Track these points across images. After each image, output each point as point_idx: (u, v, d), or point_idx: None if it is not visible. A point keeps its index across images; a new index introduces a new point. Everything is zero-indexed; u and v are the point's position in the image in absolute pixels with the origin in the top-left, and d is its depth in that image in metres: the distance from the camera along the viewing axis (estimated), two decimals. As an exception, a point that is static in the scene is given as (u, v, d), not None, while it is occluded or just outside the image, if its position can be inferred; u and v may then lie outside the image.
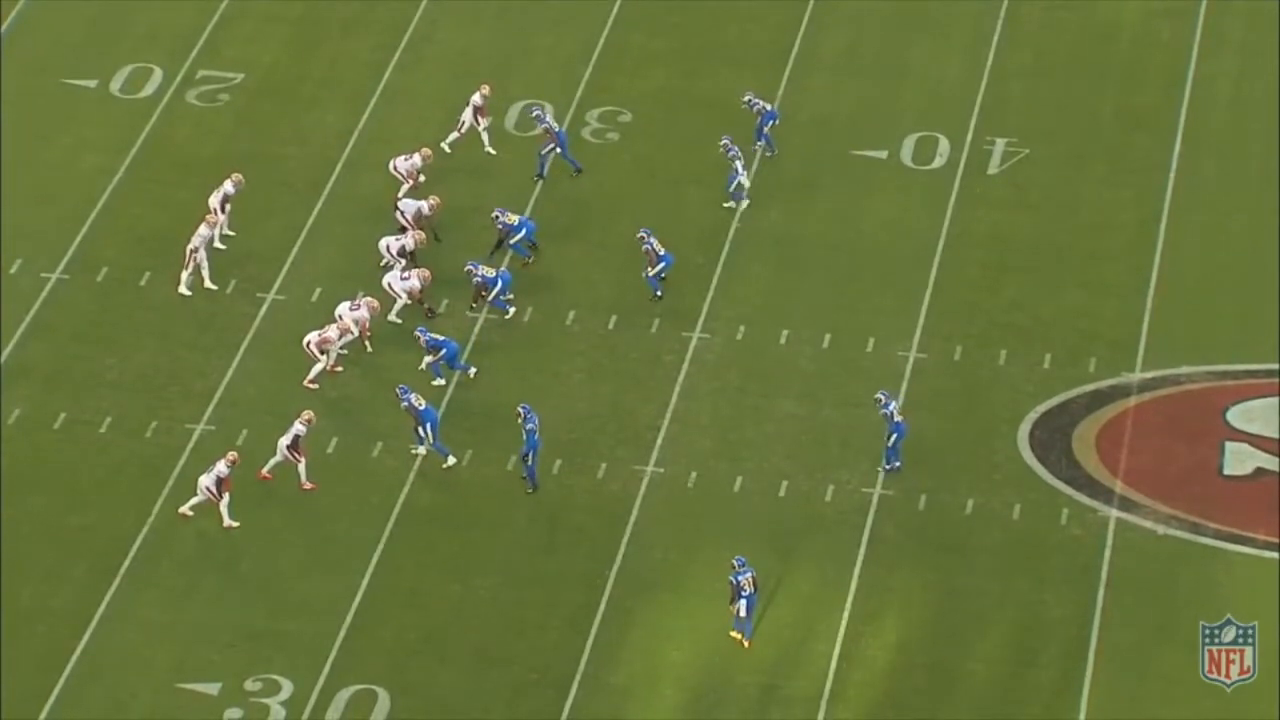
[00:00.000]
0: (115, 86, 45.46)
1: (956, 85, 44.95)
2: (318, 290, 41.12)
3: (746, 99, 43.28)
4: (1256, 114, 44.43)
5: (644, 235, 40.60)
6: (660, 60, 45.50)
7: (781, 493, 37.45)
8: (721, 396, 39.01)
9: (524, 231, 41.18)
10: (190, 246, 40.41)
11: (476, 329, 40.41)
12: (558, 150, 42.77)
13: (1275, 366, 39.26)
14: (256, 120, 44.68)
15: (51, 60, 45.78)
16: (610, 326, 40.30)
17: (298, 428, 37.32)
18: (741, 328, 40.19)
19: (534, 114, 43.15)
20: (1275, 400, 38.67)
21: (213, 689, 34.62)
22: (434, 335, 39.24)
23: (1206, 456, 37.84)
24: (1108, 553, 36.45)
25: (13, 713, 34.37)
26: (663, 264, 40.42)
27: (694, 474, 37.77)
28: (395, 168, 42.44)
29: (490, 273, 40.44)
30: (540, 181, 42.78)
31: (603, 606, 35.74)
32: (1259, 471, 37.66)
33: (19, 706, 34.44)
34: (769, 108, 43.26)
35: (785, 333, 40.10)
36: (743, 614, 34.96)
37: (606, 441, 38.27)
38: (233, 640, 35.11)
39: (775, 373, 39.39)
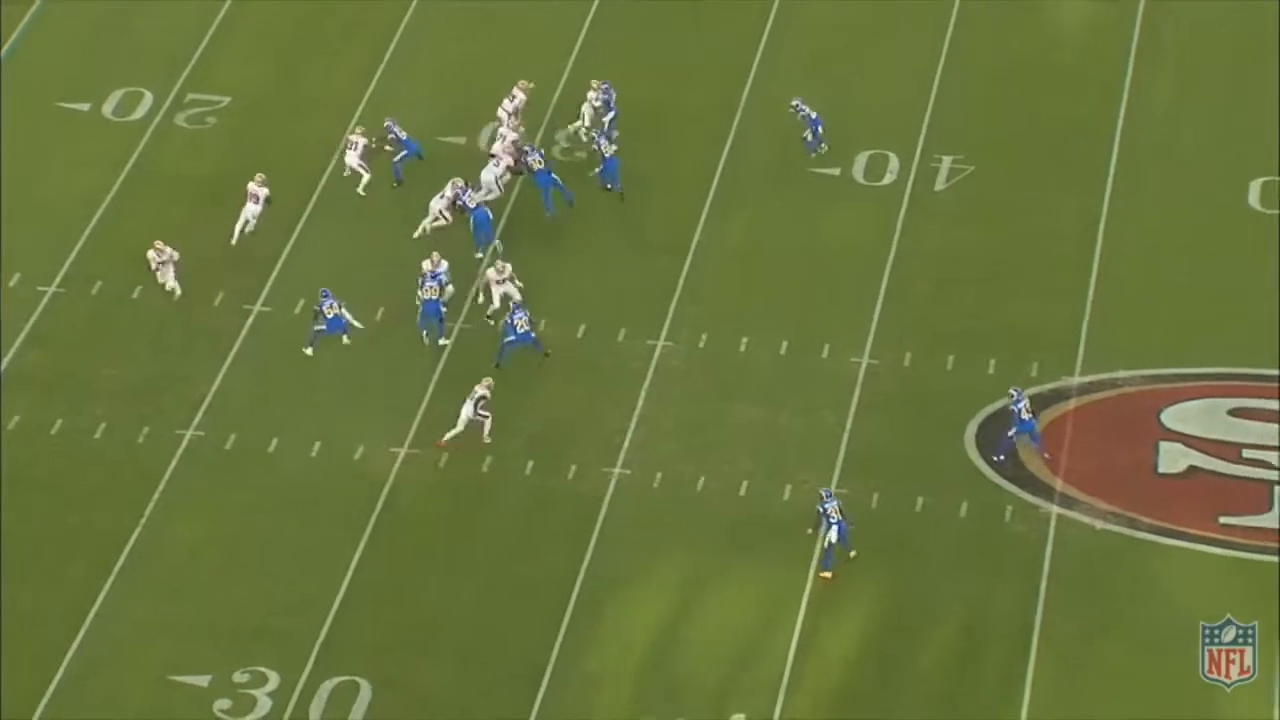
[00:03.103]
0: (108, 109, 44.95)
1: (905, 106, 44.55)
2: (301, 302, 40.61)
3: (794, 104, 43.04)
4: (1190, 125, 44.09)
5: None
6: (625, 76, 44.92)
7: (742, 492, 37.09)
8: (685, 401, 38.68)
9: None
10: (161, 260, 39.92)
11: (453, 338, 39.96)
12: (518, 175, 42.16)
13: (1207, 370, 38.98)
14: (243, 141, 44.16)
15: (47, 85, 45.29)
16: (579, 335, 39.86)
17: (481, 392, 37.15)
18: (704, 336, 39.79)
19: (386, 124, 42.55)
20: (1207, 402, 38.39)
21: (203, 681, 34.35)
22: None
23: (1142, 456, 37.56)
24: (1050, 548, 36.18)
25: (12, 708, 34.11)
26: None
27: (659, 475, 37.41)
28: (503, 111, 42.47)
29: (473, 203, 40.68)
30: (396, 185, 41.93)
31: (573, 601, 35.41)
32: (1191, 469, 37.40)
33: (19, 702, 34.14)
34: (814, 114, 42.84)
35: (745, 340, 39.72)
36: (834, 540, 35.05)
37: (577, 445, 37.90)
38: (222, 635, 34.73)
39: (736, 379, 39.05)
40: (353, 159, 42.72)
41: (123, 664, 34.60)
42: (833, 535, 35.44)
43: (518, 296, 39.52)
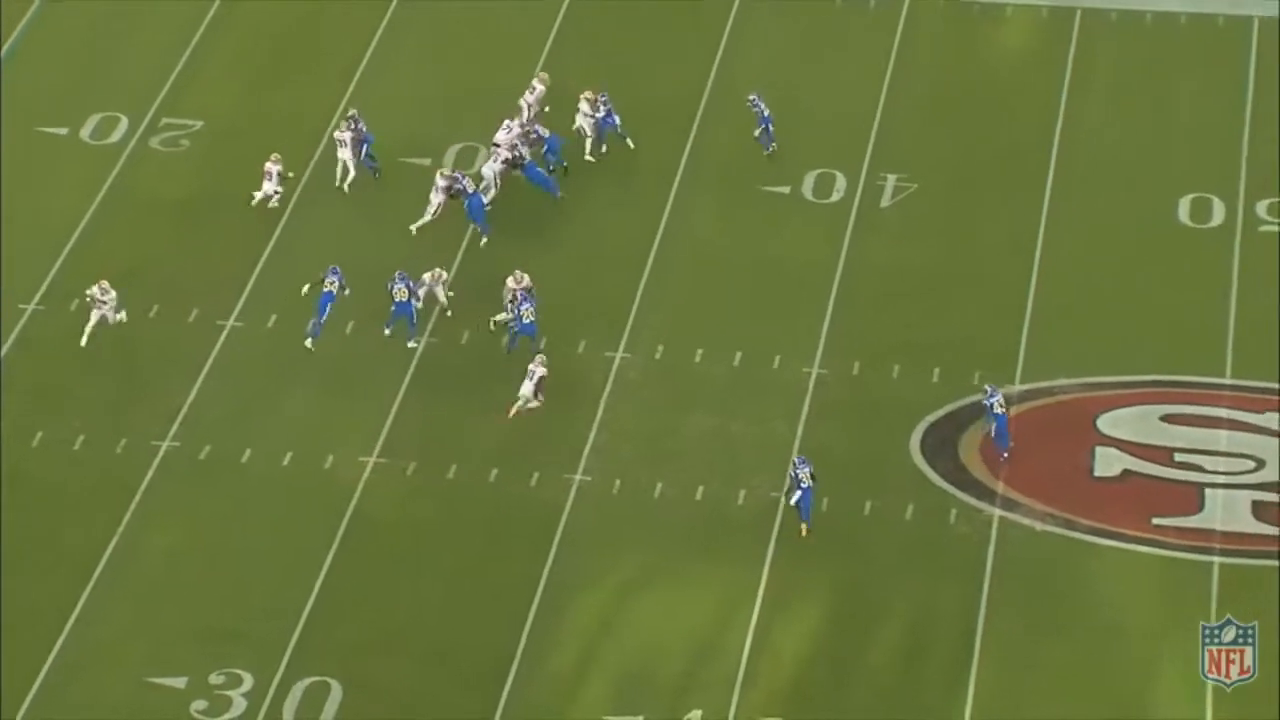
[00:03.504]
0: (85, 134, 45.20)
1: (851, 127, 45.02)
2: (274, 317, 41.02)
3: (751, 98, 43.78)
4: (1121, 147, 44.61)
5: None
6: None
7: (698, 498, 37.52)
8: (643, 411, 39.09)
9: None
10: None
11: (419, 351, 40.37)
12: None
13: (1141, 378, 39.51)
14: (215, 163, 44.44)
15: (27, 110, 45.45)
16: (541, 347, 40.24)
17: (541, 371, 37.92)
18: (660, 348, 40.23)
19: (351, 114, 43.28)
20: (1140, 409, 38.94)
21: (180, 683, 34.55)
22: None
23: (1079, 460, 38.02)
24: (992, 548, 36.61)
25: (-3, 710, 34.24)
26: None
27: (619, 482, 37.81)
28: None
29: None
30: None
31: (536, 603, 35.74)
32: (1126, 473, 37.90)
33: (2, 704, 34.27)
34: (766, 112, 43.59)
35: (700, 352, 40.18)
36: (794, 502, 36.04)
37: (539, 453, 38.28)
38: (198, 639, 35.02)
39: (691, 388, 39.47)
40: (345, 154, 42.84)
41: (102, 667, 34.75)
42: (795, 497, 36.22)
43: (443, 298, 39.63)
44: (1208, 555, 36.45)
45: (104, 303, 39.76)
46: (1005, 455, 37.94)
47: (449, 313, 40.60)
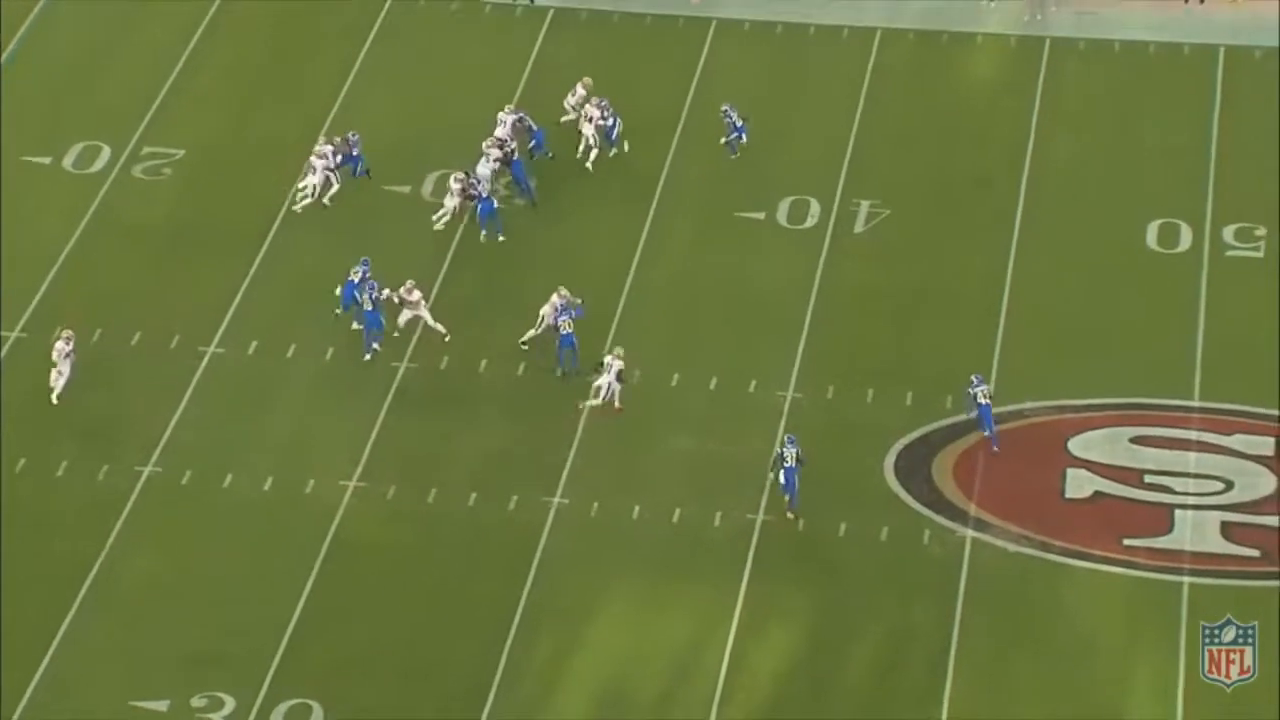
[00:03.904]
0: (68, 162, 45.24)
1: (825, 154, 45.25)
2: (254, 343, 41.05)
3: (724, 109, 44.32)
4: (1090, 174, 44.84)
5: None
6: (557, 129, 45.52)
7: (674, 520, 37.59)
8: (620, 434, 39.15)
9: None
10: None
11: (398, 377, 40.42)
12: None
13: (1111, 401, 39.69)
14: (196, 191, 44.58)
15: (11, 140, 45.47)
16: (519, 373, 40.40)
17: (617, 363, 38.42)
18: (637, 372, 40.27)
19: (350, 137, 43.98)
20: (1110, 431, 39.09)
21: (162, 706, 34.51)
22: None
23: (1050, 482, 38.18)
24: (965, 569, 36.74)
25: (-20, 732, 34.19)
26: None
27: (596, 505, 37.89)
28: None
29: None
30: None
31: (515, 624, 35.79)
32: (1097, 495, 38.05)
33: (-14, 726, 34.32)
34: (739, 123, 44.08)
35: (676, 376, 40.28)
36: (781, 480, 36.36)
37: (517, 476, 38.36)
38: (180, 662, 34.99)
39: (668, 412, 39.58)
40: (319, 165, 43.17)
41: (86, 691, 34.71)
42: (781, 477, 36.69)
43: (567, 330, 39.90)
44: (1178, 575, 36.60)
45: (68, 357, 39.21)
46: (995, 448, 38.12)
47: (447, 338, 40.61)
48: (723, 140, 44.49)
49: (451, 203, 43.11)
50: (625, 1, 49.80)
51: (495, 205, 42.76)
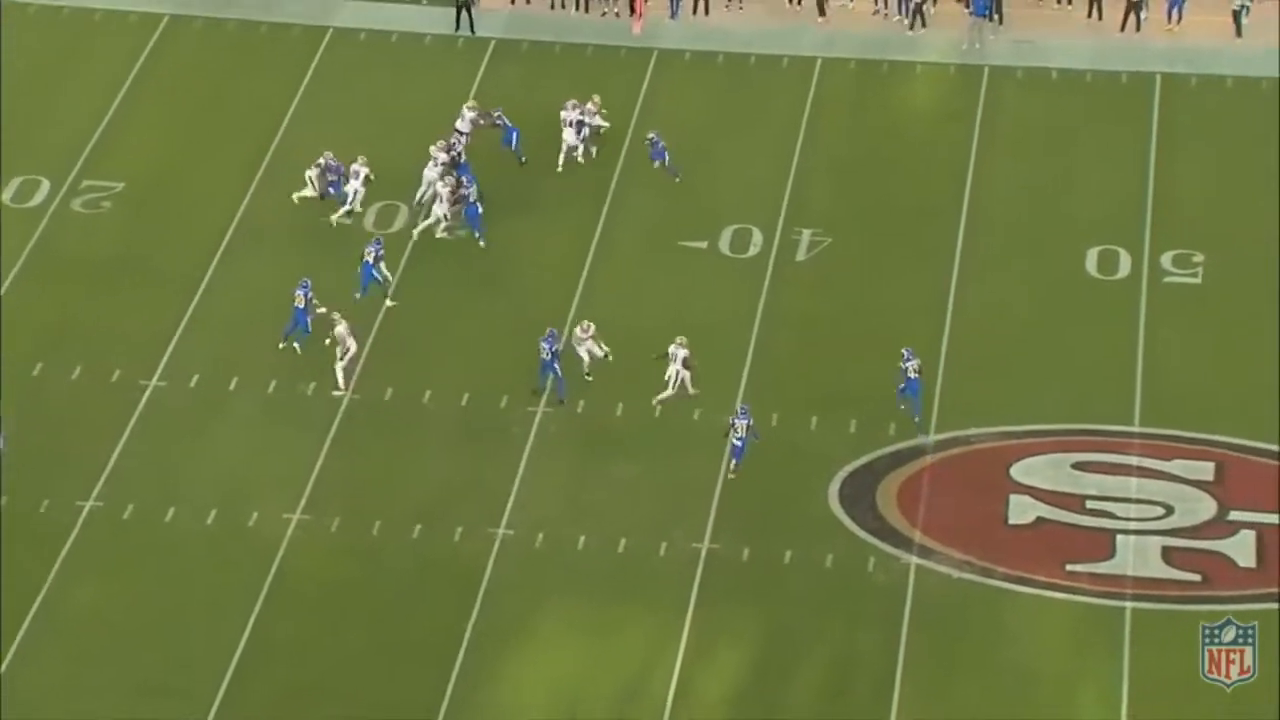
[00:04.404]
0: (7, 197, 45.12)
1: (766, 183, 45.52)
2: (196, 377, 41.05)
3: (650, 137, 44.91)
4: (1028, 203, 45.18)
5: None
6: (494, 165, 45.64)
7: (620, 549, 37.69)
8: (564, 464, 39.28)
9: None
10: None
11: (341, 409, 40.47)
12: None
13: (1053, 427, 39.96)
14: (137, 223, 44.56)
15: (-52, 175, 45.61)
16: (463, 403, 40.50)
17: (681, 351, 39.21)
18: (581, 402, 40.45)
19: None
20: (1053, 457, 39.36)
21: (109, 740, 34.41)
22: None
23: (994, 508, 38.41)
24: (909, 596, 36.93)
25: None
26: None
27: (541, 535, 37.96)
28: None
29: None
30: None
31: (461, 655, 35.83)
32: (1039, 520, 38.29)
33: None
34: (663, 146, 44.96)
35: (621, 406, 40.41)
36: (735, 443, 37.72)
37: (462, 507, 38.41)
38: (124, 695, 34.89)
39: (612, 442, 39.70)
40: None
41: (32, 725, 34.62)
42: (735, 440, 37.67)
43: (599, 352, 40.16)
44: (1120, 600, 36.86)
45: None
46: (918, 419, 38.85)
47: (336, 391, 40.43)
48: (657, 165, 44.74)
49: (440, 209, 43.38)
50: (567, 32, 50.10)
51: (480, 209, 43.27)
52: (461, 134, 44.70)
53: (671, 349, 39.70)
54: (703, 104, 47.93)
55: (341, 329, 40.32)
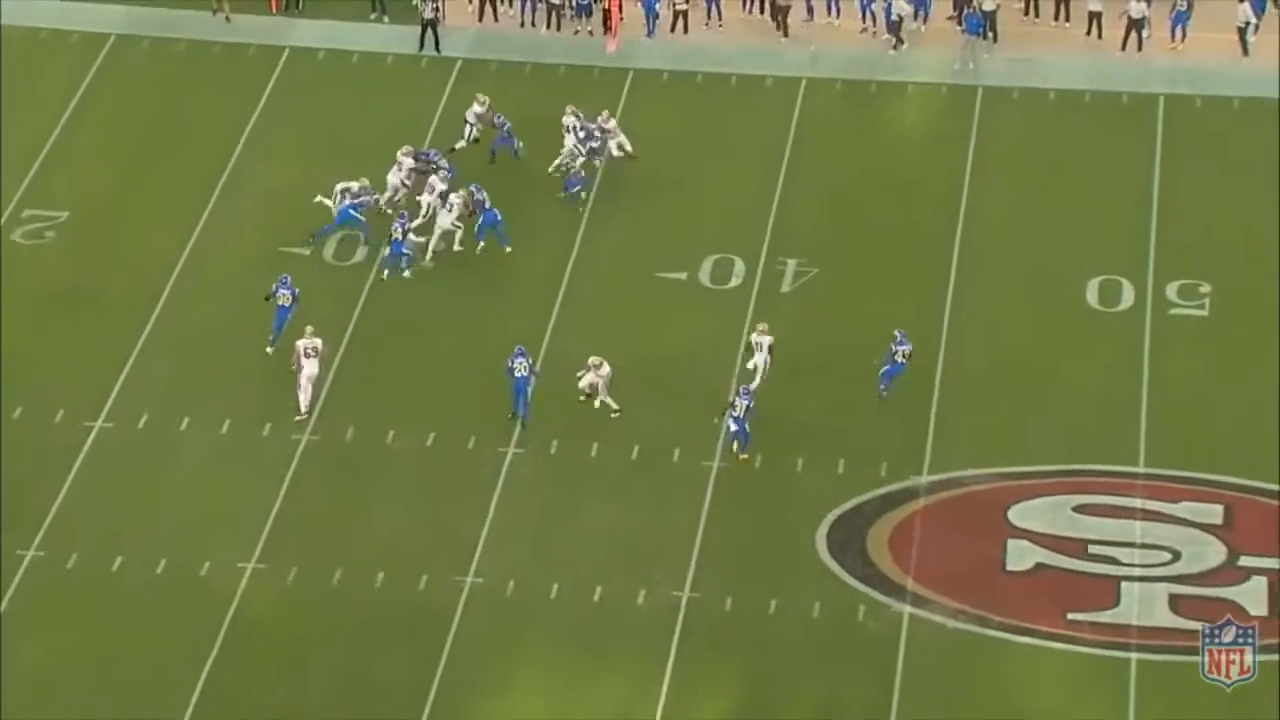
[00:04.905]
0: (-56, 228, 45.39)
1: (749, 210, 45.71)
2: (144, 417, 41.06)
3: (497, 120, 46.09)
4: (1024, 230, 45.41)
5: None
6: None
7: (596, 598, 37.74)
8: (537, 508, 39.35)
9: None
10: None
11: (300, 449, 40.52)
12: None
13: (1052, 468, 40.09)
14: (82, 254, 44.61)
15: (-116, 205, 45.62)
16: (429, 443, 40.56)
17: (766, 339, 40.46)
18: (554, 442, 40.54)
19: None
20: (1052, 499, 39.49)
21: (55, 794, 34.42)
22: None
23: (991, 553, 38.50)
24: (902, 646, 36.98)
25: None
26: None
27: (512, 583, 38.00)
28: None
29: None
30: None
31: (427, 712, 35.83)
32: (1039, 566, 38.38)
33: None
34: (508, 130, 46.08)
35: (596, 445, 40.49)
36: (732, 428, 38.80)
37: (427, 554, 38.44)
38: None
39: (587, 484, 39.78)
40: (395, 178, 44.65)
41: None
42: (731, 425, 38.68)
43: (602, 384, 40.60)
44: (1125, 651, 37.00)
45: None
46: (883, 391, 40.37)
47: (298, 417, 40.65)
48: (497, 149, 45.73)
49: (448, 218, 43.83)
50: (537, 51, 50.32)
51: (499, 215, 43.90)
52: (470, 125, 45.79)
53: (755, 338, 40.55)
54: (681, 126, 48.15)
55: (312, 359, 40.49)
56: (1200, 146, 47.57)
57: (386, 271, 43.67)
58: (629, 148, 46.45)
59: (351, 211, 43.93)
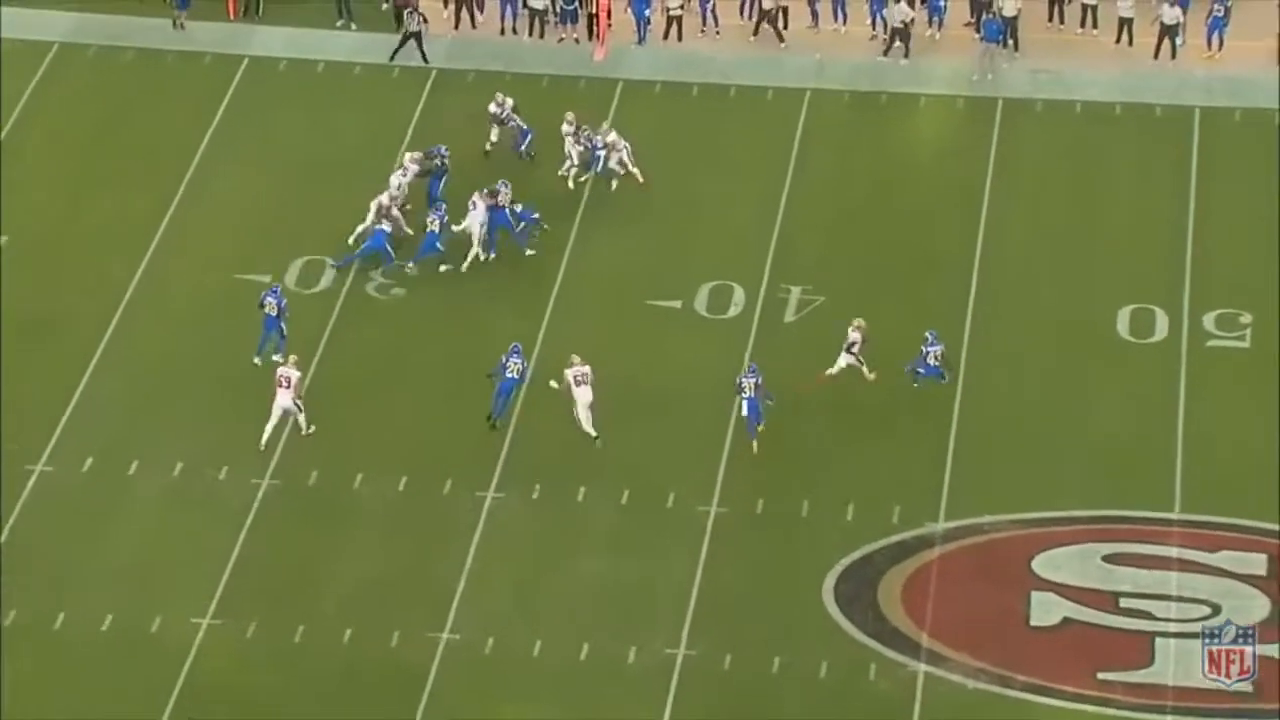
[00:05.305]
0: (-123, 259, 45.35)
1: (749, 233, 45.79)
2: (89, 460, 40.99)
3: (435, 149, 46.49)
4: (1049, 255, 45.46)
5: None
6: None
7: (582, 656, 37.70)
8: (519, 557, 39.34)
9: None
10: None
11: (260, 494, 40.44)
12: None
13: (1081, 513, 40.13)
14: (22, 282, 44.56)
15: None
16: (401, 488, 40.54)
17: (856, 334, 41.22)
18: (537, 486, 40.54)
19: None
20: (1080, 548, 39.50)
21: None
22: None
23: (1013, 607, 38.48)
24: (917, 707, 36.96)
25: None
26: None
27: (491, 640, 37.96)
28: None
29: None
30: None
31: (397, 780, 35.97)
32: (1066, 621, 38.37)
33: None
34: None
35: (583, 490, 40.49)
36: (744, 412, 39.96)
37: (400, 608, 38.39)
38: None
39: (573, 531, 39.77)
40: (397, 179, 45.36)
41: None
42: (744, 409, 39.62)
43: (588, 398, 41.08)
44: (1160, 714, 36.99)
45: None
46: (918, 382, 41.55)
47: (309, 430, 41.03)
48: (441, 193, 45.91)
49: (476, 218, 44.57)
50: (519, 61, 50.41)
51: (507, 214, 44.66)
52: (496, 119, 46.79)
53: (856, 331, 41.32)
54: (675, 142, 48.24)
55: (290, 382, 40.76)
56: (1240, 163, 47.67)
57: (411, 263, 44.34)
58: (633, 167, 46.50)
59: (383, 238, 44.08)
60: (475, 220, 44.70)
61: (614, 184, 46.58)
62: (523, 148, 47.09)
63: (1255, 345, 43.57)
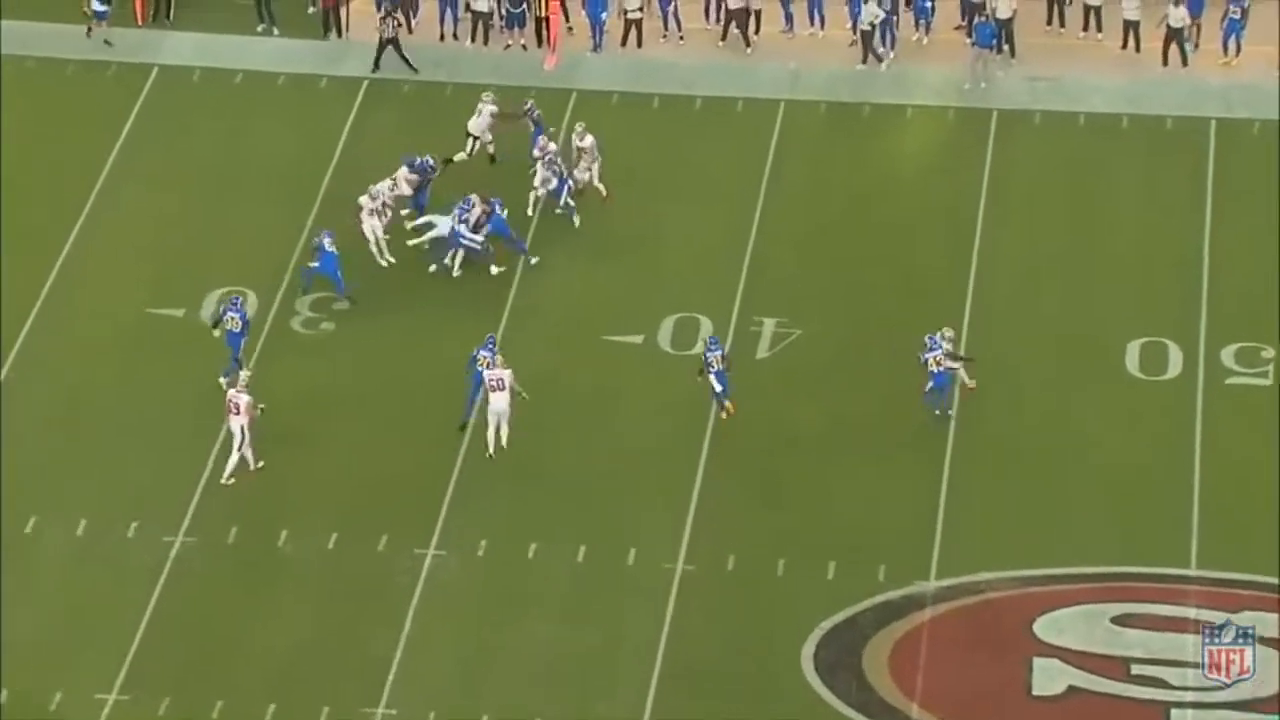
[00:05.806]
0: None
1: (718, 259, 45.88)
2: (33, 519, 40.80)
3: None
4: (1049, 282, 45.60)
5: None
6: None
7: (535, 733, 37.82)
8: (463, 622, 39.28)
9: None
10: None
11: (173, 553, 40.26)
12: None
13: (1086, 571, 40.16)
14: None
15: None
16: (330, 545, 40.48)
17: (946, 345, 41.95)
18: (483, 543, 40.52)
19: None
20: (1086, 608, 39.55)
21: None
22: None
23: (1013, 674, 38.53)
24: (907, 789, 37.15)
25: None
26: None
27: (432, 715, 37.87)
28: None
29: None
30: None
31: None
32: (1071, 690, 38.43)
33: None
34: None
35: (534, 547, 40.48)
36: (716, 388, 41.60)
37: (329, 679, 38.33)
38: None
39: (524, 593, 39.75)
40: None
41: None
42: (714, 383, 41.36)
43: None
44: (1176, 793, 37.29)
45: None
46: (951, 411, 42.15)
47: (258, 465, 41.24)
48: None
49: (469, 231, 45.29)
50: (462, 69, 50.45)
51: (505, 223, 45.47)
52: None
53: (942, 340, 42.10)
54: (635, 159, 48.36)
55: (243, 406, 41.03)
56: (1259, 180, 47.85)
57: (434, 266, 45.30)
58: (599, 184, 46.59)
59: (333, 262, 44.49)
60: (449, 223, 45.20)
61: (576, 220, 46.43)
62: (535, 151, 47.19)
63: (1279, 382, 43.69)
